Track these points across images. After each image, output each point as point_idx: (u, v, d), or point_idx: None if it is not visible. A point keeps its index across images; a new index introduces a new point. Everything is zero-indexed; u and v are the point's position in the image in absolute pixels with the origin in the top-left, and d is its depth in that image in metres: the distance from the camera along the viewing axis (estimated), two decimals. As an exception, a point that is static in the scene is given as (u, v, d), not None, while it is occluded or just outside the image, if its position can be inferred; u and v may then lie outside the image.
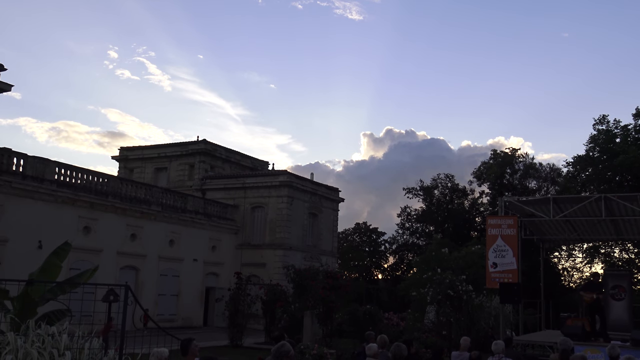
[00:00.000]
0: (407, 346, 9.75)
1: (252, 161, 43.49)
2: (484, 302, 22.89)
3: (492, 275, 16.50)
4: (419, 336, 17.83)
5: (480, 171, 49.54)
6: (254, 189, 36.96)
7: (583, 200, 17.45)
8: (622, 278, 21.06)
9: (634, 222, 19.30)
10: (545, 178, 48.94)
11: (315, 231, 39.11)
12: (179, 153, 39.59)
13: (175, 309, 31.20)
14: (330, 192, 41.26)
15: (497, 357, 10.02)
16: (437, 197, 52.70)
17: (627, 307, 19.99)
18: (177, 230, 31.74)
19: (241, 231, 36.49)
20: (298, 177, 38.07)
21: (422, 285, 22.46)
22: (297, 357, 12.82)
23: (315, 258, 36.57)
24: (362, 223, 57.53)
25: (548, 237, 21.97)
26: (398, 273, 52.75)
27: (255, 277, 31.79)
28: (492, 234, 16.88)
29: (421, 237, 53.28)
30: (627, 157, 35.27)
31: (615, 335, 16.42)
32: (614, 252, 40.68)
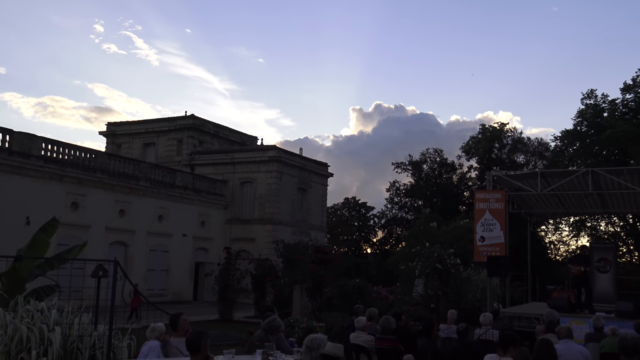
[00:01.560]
0: (396, 319, 9.87)
1: (241, 136, 43.33)
2: (472, 275, 23.14)
3: (479, 249, 16.64)
4: (408, 309, 18.02)
5: (468, 146, 49.67)
6: (243, 164, 36.89)
7: (570, 174, 17.55)
8: (607, 251, 21.30)
9: (619, 196, 19.48)
10: (533, 152, 49.18)
11: (304, 206, 39.19)
12: (167, 128, 39.36)
13: (164, 284, 31.30)
14: (319, 167, 41.28)
15: (484, 329, 10.16)
16: (426, 172, 52.87)
17: (612, 279, 20.26)
18: (166, 206, 31.70)
19: (230, 206, 36.51)
20: (287, 152, 38.02)
21: (410, 259, 22.63)
22: (287, 331, 12.93)
23: (304, 233, 36.70)
24: (351, 198, 57.78)
25: (535, 211, 22.14)
26: (387, 247, 53.09)
27: (245, 252, 31.90)
28: (480, 208, 16.98)
29: (410, 212, 53.55)
30: (614, 131, 35.44)
31: (600, 307, 16.65)
32: (600, 225, 41.15)
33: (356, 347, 9.50)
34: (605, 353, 8.46)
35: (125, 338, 9.26)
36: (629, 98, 38.83)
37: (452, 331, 10.69)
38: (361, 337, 9.54)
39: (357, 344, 9.49)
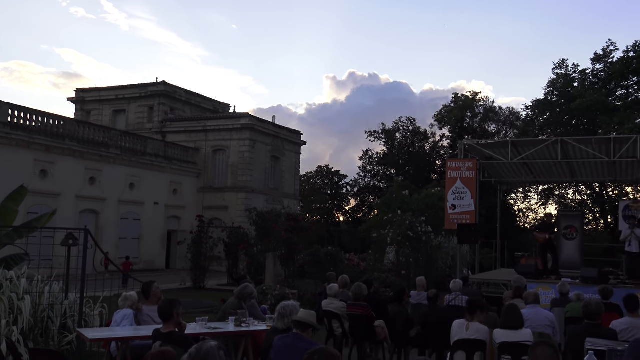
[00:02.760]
0: (368, 286, 9.99)
1: (213, 104, 42.84)
2: (443, 243, 23.46)
3: (450, 217, 16.85)
4: (379, 276, 18.25)
5: (441, 115, 49.87)
6: (216, 132, 36.57)
7: (540, 143, 17.77)
8: (574, 219, 21.76)
9: (587, 165, 19.84)
10: (504, 122, 49.60)
11: (277, 174, 39.14)
12: (138, 95, 38.69)
13: (136, 252, 31.15)
14: (292, 135, 41.14)
15: (454, 295, 10.36)
16: (399, 141, 53.04)
17: (578, 246, 20.74)
18: (137, 174, 31.37)
19: (203, 174, 36.29)
20: (260, 120, 37.76)
21: (382, 227, 22.83)
22: (260, 298, 13.02)
23: (277, 201, 36.72)
24: (324, 166, 57.80)
25: (506, 179, 22.45)
26: (359, 215, 53.42)
27: (218, 220, 31.81)
28: (451, 177, 17.14)
29: (382, 180, 53.83)
30: (583, 101, 35.91)
31: (566, 273, 17.08)
32: (568, 193, 41.95)
33: (328, 314, 9.62)
34: (570, 317, 8.69)
35: (97, 306, 9.25)
36: (599, 68, 39.30)
37: (423, 297, 10.87)
38: (333, 304, 9.66)
39: (329, 311, 9.62)
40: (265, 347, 6.02)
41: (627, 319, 7.19)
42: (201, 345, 3.46)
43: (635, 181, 25.73)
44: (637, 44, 37.17)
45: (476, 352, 6.91)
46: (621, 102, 37.74)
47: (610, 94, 38.45)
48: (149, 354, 3.78)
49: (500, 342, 6.71)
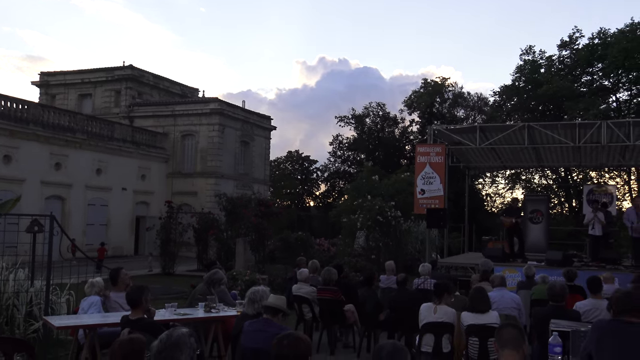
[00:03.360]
0: (338, 271, 10.03)
1: (182, 88, 42.30)
2: (412, 227, 23.69)
3: (420, 201, 17.00)
4: (349, 261, 18.34)
5: (411, 100, 50.09)
6: (184, 117, 36.17)
7: (507, 128, 18.00)
8: (540, 203, 22.14)
9: (553, 150, 20.17)
10: (473, 107, 50.05)
11: (247, 159, 38.95)
12: (104, 79, 37.97)
13: (104, 238, 30.71)
14: (262, 120, 40.93)
15: (423, 279, 10.47)
16: (369, 126, 53.15)
17: (544, 230, 21.13)
18: (104, 159, 30.89)
19: (171, 160, 35.92)
20: (229, 104, 37.44)
21: (352, 212, 22.91)
22: (230, 283, 12.99)
23: (247, 186, 36.59)
24: (294, 151, 57.71)
25: (474, 164, 22.71)
26: (329, 200, 53.55)
27: (187, 205, 31.62)
28: (420, 162, 17.27)
29: (352, 165, 53.97)
30: (550, 87, 36.44)
31: (532, 256, 17.40)
32: (534, 178, 42.66)
33: (299, 299, 9.65)
34: (536, 299, 8.86)
35: (63, 294, 9.12)
36: (565, 55, 39.90)
37: (392, 281, 10.96)
38: (303, 289, 9.69)
39: (299, 295, 9.65)
40: (235, 332, 6.02)
41: (590, 301, 7.37)
42: (172, 332, 3.44)
43: (599, 166, 26.30)
44: (602, 31, 37.84)
45: (444, 335, 7.02)
46: (586, 88, 38.44)
47: (575, 80, 39.10)
48: (117, 340, 3.74)
49: (468, 324, 6.82)
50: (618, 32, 36.37)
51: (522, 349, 3.64)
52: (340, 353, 9.26)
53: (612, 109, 37.48)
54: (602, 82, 38.64)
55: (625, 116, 34.91)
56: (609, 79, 38.09)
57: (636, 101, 38.15)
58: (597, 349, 3.74)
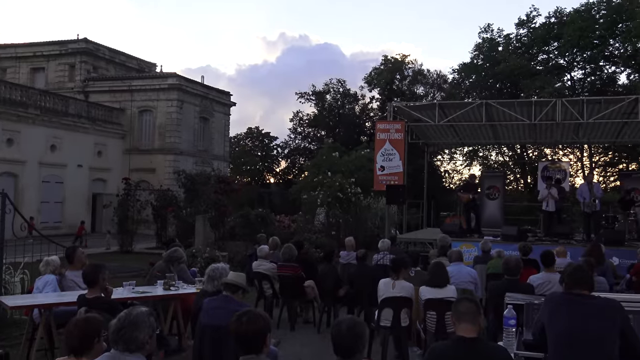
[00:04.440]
0: (298, 247, 10.07)
1: (139, 62, 41.34)
2: (371, 204, 23.88)
3: (379, 178, 17.12)
4: (309, 237, 18.40)
5: (371, 77, 50.11)
6: (142, 92, 35.45)
7: (466, 106, 18.23)
8: (496, 179, 22.59)
9: (510, 127, 20.52)
10: (432, 84, 50.38)
11: (206, 136, 38.51)
12: (58, 52, 36.79)
13: (60, 216, 30.15)
14: (221, 96, 40.43)
15: (382, 254, 10.59)
16: (329, 102, 53.03)
17: (500, 205, 21.59)
18: (58, 135, 30.11)
19: (129, 136, 35.25)
20: (188, 79, 36.82)
21: (313, 189, 22.97)
22: (189, 261, 12.90)
23: (206, 163, 36.25)
24: (254, 127, 57.28)
25: (433, 141, 22.96)
26: (290, 177, 53.47)
27: (145, 182, 31.10)
28: (380, 138, 17.36)
29: (313, 142, 53.90)
30: (507, 65, 36.95)
31: (488, 232, 17.77)
32: (491, 155, 43.40)
33: (259, 275, 9.66)
34: (491, 274, 9.06)
35: (17, 273, 8.92)
36: (522, 33, 40.41)
37: (352, 257, 11.05)
38: (264, 265, 9.70)
39: (259, 272, 9.66)
40: (195, 310, 5.99)
41: (544, 274, 7.57)
42: (131, 311, 3.40)
43: (553, 143, 26.92)
44: (559, 10, 38.46)
45: (402, 309, 7.13)
46: (542, 66, 39.10)
47: (532, 59, 39.71)
48: (73, 320, 3.67)
49: (426, 298, 6.94)
50: (574, 12, 37.01)
51: (478, 322, 3.72)
52: (301, 329, 9.33)
53: (567, 87, 38.28)
54: (558, 61, 39.36)
55: (580, 94, 35.71)
56: (565, 57, 38.81)
57: (590, 80, 39.05)
58: (549, 320, 3.85)
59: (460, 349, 3.61)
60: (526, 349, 4.08)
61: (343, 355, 3.27)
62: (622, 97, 16.64)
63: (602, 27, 35.46)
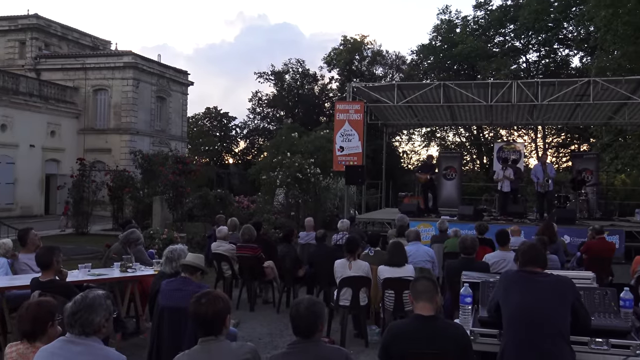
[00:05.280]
0: (257, 228, 10.04)
1: (93, 40, 40.21)
2: (331, 184, 23.96)
3: (338, 159, 17.19)
4: (269, 218, 18.39)
5: (330, 57, 50.03)
6: (96, 70, 34.56)
7: (424, 87, 18.38)
8: (453, 160, 22.95)
9: (467, 108, 20.83)
10: (391, 65, 50.60)
11: (163, 115, 37.89)
12: (7, 28, 35.43)
13: (12, 197, 29.33)
14: (179, 75, 39.74)
15: (341, 235, 10.65)
16: (288, 82, 52.76)
17: (457, 186, 21.96)
18: (9, 114, 29.15)
19: (83, 115, 34.39)
20: (144, 58, 36.01)
21: (272, 169, 22.89)
22: (147, 242, 12.75)
23: (164, 143, 35.71)
24: (212, 107, 56.56)
25: (391, 122, 23.12)
26: (249, 157, 53.16)
27: (101, 163, 30.53)
28: (339, 119, 17.40)
29: (272, 122, 53.63)
30: (464, 47, 37.35)
31: (445, 211, 18.10)
32: (448, 136, 44.00)
33: (218, 256, 9.62)
34: (448, 252, 9.22)
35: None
36: (479, 15, 40.86)
37: (311, 237, 11.09)
38: (223, 246, 9.66)
39: (218, 253, 9.61)
40: (153, 292, 5.93)
41: (498, 253, 7.75)
42: (87, 294, 3.33)
43: (509, 124, 27.42)
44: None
45: (361, 288, 7.21)
46: (499, 48, 39.66)
47: (489, 41, 40.25)
48: (25, 304, 3.59)
49: (384, 278, 7.03)
50: (529, -6, 37.52)
51: (435, 300, 3.78)
52: (260, 309, 9.35)
53: (522, 69, 38.95)
54: (514, 43, 39.98)
55: (534, 77, 36.41)
56: (520, 40, 39.45)
57: (544, 62, 39.82)
58: (504, 297, 3.94)
59: (418, 327, 3.67)
60: (482, 325, 4.17)
61: (302, 334, 3.29)
62: (575, 80, 17.03)
63: (557, 11, 36.11)
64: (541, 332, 3.69)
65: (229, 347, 3.31)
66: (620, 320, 4.11)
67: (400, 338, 3.66)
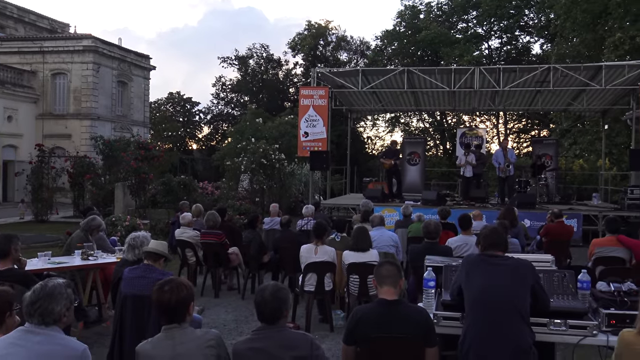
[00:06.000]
0: (221, 214, 9.99)
1: (51, 22, 39.17)
2: (295, 170, 23.95)
3: (303, 144, 17.17)
4: (233, 204, 18.31)
5: (294, 42, 49.77)
6: (55, 54, 33.67)
7: (388, 72, 18.45)
8: (417, 145, 23.14)
9: (430, 94, 20.99)
10: (355, 51, 50.58)
11: (125, 101, 37.21)
12: (-41, 10, 34.36)
13: (-33, 185, 28.55)
14: (140, 59, 39.01)
15: (306, 220, 10.67)
16: (252, 67, 52.34)
17: (420, 171, 22.18)
18: (-37, 99, 28.29)
19: (41, 100, 33.52)
20: (104, 42, 35.21)
21: (236, 155, 22.76)
22: (109, 229, 12.56)
23: (126, 129, 35.12)
24: (175, 92, 55.78)
25: (356, 107, 23.17)
26: (213, 143, 52.67)
27: (61, 149, 29.86)
28: (304, 104, 17.35)
29: (236, 107, 53.19)
30: (428, 33, 37.56)
31: (409, 196, 18.28)
32: (412, 121, 44.31)
33: (182, 243, 9.54)
34: (412, 237, 9.33)
35: None
36: (443, 2, 41.09)
37: (276, 223, 11.08)
38: (187, 233, 9.58)
39: (182, 240, 9.53)
40: (115, 279, 5.85)
41: (461, 237, 7.87)
42: (46, 282, 3.26)
43: (471, 110, 27.74)
44: (478, -21, 39.22)
45: (326, 274, 7.24)
46: (462, 35, 39.99)
47: (452, 27, 40.55)
48: (-18, 293, 3.50)
49: (349, 262, 7.07)
50: (492, -18, 37.88)
51: (399, 284, 3.83)
52: (225, 295, 9.32)
53: (484, 56, 39.40)
54: (476, 30, 40.36)
55: (496, 63, 36.88)
56: (483, 26, 39.84)
57: (506, 49, 40.34)
58: (466, 280, 4.00)
59: (382, 311, 3.71)
60: (444, 309, 4.23)
61: (267, 320, 3.29)
62: (536, 66, 17.32)
63: (518, -2, 36.58)
64: (502, 314, 3.76)
65: (193, 334, 3.29)
66: (578, 301, 4.22)
67: (364, 322, 3.69)
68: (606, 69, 16.51)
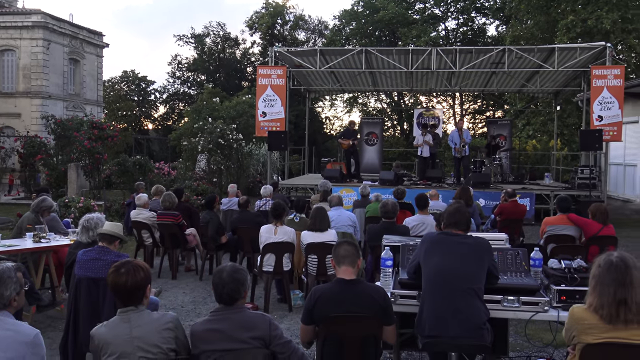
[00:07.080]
0: (178, 194, 9.87)
1: (-3, -4, 37.71)
2: (253, 150, 23.81)
3: (261, 124, 17.05)
4: (191, 184, 18.11)
5: (252, 21, 49.18)
6: (2, 30, 32.48)
7: (346, 52, 18.40)
8: (375, 125, 23.24)
9: (388, 75, 21.07)
10: (313, 30, 50.31)
11: (77, 79, 36.21)
12: None
13: None
14: (93, 37, 37.96)
15: (265, 201, 10.64)
16: (209, 46, 51.53)
17: (378, 151, 22.31)
18: None
19: (-12, 78, 32.37)
20: (55, 17, 34.11)
21: (193, 135, 22.47)
22: (62, 211, 12.28)
23: (78, 108, 34.24)
24: (130, 71, 54.55)
25: (314, 87, 23.09)
26: (169, 123, 51.81)
27: (10, 128, 28.98)
28: (262, 84, 17.19)
29: (192, 87, 52.39)
30: (386, 13, 37.57)
31: (367, 177, 18.41)
32: (370, 102, 44.42)
33: (138, 224, 9.40)
34: (370, 217, 9.40)
35: None
36: (401, -19, 41.04)
37: (234, 204, 11.02)
38: (142, 214, 9.44)
39: (138, 221, 9.39)
40: (68, 262, 5.73)
41: (418, 216, 7.97)
42: (-6, 267, 3.16)
43: (428, 91, 27.96)
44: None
45: (285, 254, 7.25)
46: (419, 15, 40.12)
47: (409, 8, 40.60)
48: None
49: (307, 243, 7.09)
50: (449, -39, 38.08)
51: (357, 264, 3.85)
52: (182, 277, 9.25)
53: (441, 36, 39.64)
54: (434, 11, 40.54)
55: (453, 44, 37.20)
56: (440, 7, 40.04)
57: (462, 30, 40.69)
58: (424, 259, 4.05)
59: (341, 290, 3.73)
60: (402, 287, 4.28)
61: (225, 301, 3.27)
62: (491, 48, 17.51)
63: (475, -21, 36.87)
64: (458, 291, 3.83)
65: (149, 317, 3.24)
66: (530, 278, 4.33)
67: (323, 302, 3.71)
68: (559, 51, 16.83)
